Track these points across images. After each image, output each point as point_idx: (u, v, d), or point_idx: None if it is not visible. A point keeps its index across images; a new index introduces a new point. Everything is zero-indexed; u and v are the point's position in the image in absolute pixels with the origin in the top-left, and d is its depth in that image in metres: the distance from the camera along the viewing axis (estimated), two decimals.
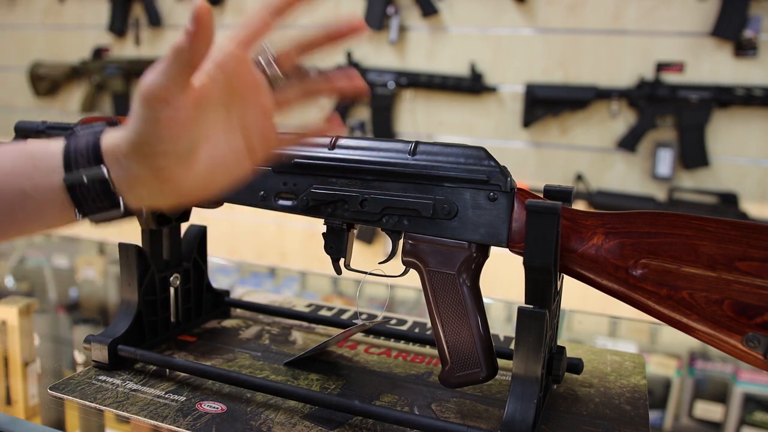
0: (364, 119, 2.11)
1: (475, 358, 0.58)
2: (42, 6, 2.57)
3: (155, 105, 0.41)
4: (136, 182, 0.43)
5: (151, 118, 0.41)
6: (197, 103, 0.43)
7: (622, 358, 0.75)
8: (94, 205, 0.44)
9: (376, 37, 2.08)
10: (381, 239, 2.13)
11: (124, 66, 2.38)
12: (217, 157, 0.45)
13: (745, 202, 1.77)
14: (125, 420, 0.59)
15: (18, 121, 0.76)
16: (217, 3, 2.25)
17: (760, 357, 0.49)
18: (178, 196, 0.45)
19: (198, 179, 0.45)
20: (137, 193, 0.44)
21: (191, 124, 0.43)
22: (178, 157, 0.42)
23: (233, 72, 0.45)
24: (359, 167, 0.60)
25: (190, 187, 0.44)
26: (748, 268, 0.49)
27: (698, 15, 1.75)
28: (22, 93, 2.63)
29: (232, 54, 0.45)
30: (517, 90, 1.96)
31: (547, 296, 0.54)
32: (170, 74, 0.41)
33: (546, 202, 0.53)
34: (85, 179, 0.43)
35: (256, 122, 0.47)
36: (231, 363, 0.70)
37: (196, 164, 0.44)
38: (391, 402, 0.62)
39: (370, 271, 0.64)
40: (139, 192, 0.44)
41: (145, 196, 0.44)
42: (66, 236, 1.85)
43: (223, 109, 0.45)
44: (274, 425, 0.57)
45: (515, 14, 1.93)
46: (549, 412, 0.61)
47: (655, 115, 1.79)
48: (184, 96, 0.41)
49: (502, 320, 1.11)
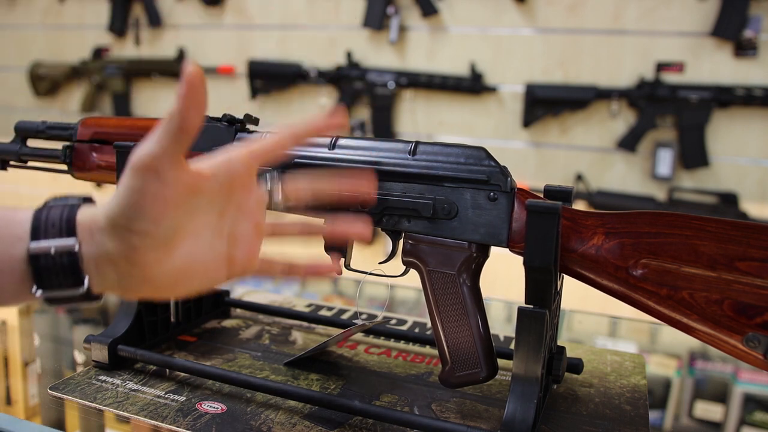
0: (364, 119, 2.11)
1: (475, 358, 0.58)
2: (42, 6, 2.57)
3: (144, 174, 0.39)
4: (106, 261, 0.41)
5: (137, 188, 0.39)
6: (189, 189, 0.41)
7: (622, 358, 0.75)
8: (56, 280, 0.40)
9: (376, 37, 2.08)
10: (381, 239, 2.13)
11: (124, 66, 2.38)
12: (197, 258, 0.43)
13: (745, 202, 1.77)
14: (125, 420, 0.59)
15: (18, 121, 0.76)
16: (217, 3, 2.25)
17: (760, 357, 0.49)
18: (144, 286, 0.42)
19: (170, 274, 0.42)
20: (104, 274, 0.41)
21: (177, 208, 0.41)
22: (154, 241, 0.40)
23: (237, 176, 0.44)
24: (359, 167, 0.60)
25: (160, 279, 0.42)
26: (748, 268, 0.49)
27: (698, 15, 1.75)
28: (22, 93, 2.63)
29: (241, 159, 0.44)
30: (517, 90, 1.96)
31: (547, 296, 0.54)
32: (162, 142, 0.39)
33: (546, 202, 0.53)
34: (53, 250, 0.40)
35: (245, 236, 0.46)
36: (231, 363, 0.70)
37: (172, 256, 0.42)
38: (391, 402, 0.62)
39: (370, 271, 0.64)
40: (107, 273, 0.41)
41: (111, 279, 0.41)
42: None
43: (217, 212, 0.44)
44: (274, 425, 0.57)
45: (515, 14, 1.93)
46: (549, 412, 0.61)
47: (655, 115, 1.79)
48: (175, 172, 0.40)
49: (502, 320, 1.11)
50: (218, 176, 0.43)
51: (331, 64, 2.11)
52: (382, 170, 0.59)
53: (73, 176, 0.74)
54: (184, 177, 0.40)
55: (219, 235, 0.44)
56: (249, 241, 0.46)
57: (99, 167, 0.72)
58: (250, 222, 0.46)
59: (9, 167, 0.78)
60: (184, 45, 2.33)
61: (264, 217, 0.47)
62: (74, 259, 0.40)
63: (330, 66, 2.11)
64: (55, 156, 0.74)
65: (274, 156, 0.46)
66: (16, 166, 0.78)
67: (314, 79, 2.11)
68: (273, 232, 0.49)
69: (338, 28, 2.13)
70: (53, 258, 0.40)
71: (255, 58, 2.21)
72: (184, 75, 0.38)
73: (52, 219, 0.41)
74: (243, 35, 2.27)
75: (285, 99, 2.23)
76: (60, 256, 0.40)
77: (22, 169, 0.78)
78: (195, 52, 2.34)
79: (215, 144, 0.66)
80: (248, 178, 0.45)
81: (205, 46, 2.33)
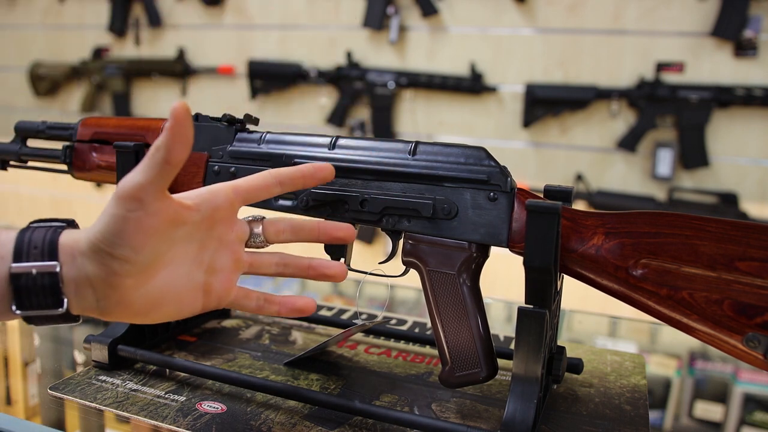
0: (364, 119, 2.12)
1: (475, 358, 0.58)
2: (42, 6, 2.57)
3: (128, 203, 0.40)
4: (86, 284, 0.42)
5: (120, 216, 0.40)
6: (172, 218, 0.42)
7: (622, 358, 0.75)
8: (35, 300, 0.41)
9: (376, 37, 2.08)
10: (381, 239, 2.13)
11: (124, 66, 2.38)
12: (174, 287, 0.44)
13: (745, 202, 1.77)
14: (125, 420, 0.59)
15: (18, 121, 0.76)
16: (217, 3, 2.25)
17: (760, 357, 0.49)
18: (121, 309, 0.43)
19: (146, 299, 0.43)
20: (83, 296, 0.42)
21: (159, 237, 0.42)
22: (134, 267, 0.41)
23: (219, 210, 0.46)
24: (359, 167, 0.60)
25: (137, 304, 0.43)
26: (748, 268, 0.49)
27: (698, 15, 1.75)
28: (22, 93, 2.63)
29: (226, 194, 0.46)
30: (517, 90, 1.96)
31: (547, 296, 0.54)
32: (147, 174, 0.40)
33: (546, 202, 0.53)
34: (35, 271, 0.41)
35: (223, 268, 0.47)
36: (231, 363, 0.70)
37: (150, 283, 0.43)
38: (391, 402, 0.62)
39: (370, 271, 0.64)
40: (85, 295, 0.42)
41: (89, 302, 0.43)
42: None
43: (198, 243, 0.45)
44: (274, 425, 0.57)
45: (515, 14, 1.93)
46: (549, 412, 0.61)
47: (655, 115, 1.79)
48: (158, 203, 0.41)
49: (502, 320, 1.11)
50: (201, 209, 0.45)
51: (331, 64, 2.11)
52: (382, 170, 0.59)
53: (73, 176, 0.74)
54: (166, 208, 0.42)
55: (198, 266, 0.46)
56: (227, 273, 0.48)
57: (99, 167, 0.72)
58: (229, 255, 0.47)
59: (9, 167, 0.78)
60: (184, 45, 2.33)
61: (243, 252, 0.48)
62: (55, 281, 0.41)
63: (330, 66, 2.11)
64: (55, 156, 0.74)
65: (258, 196, 0.48)
66: (16, 166, 0.78)
67: (314, 79, 2.11)
68: (251, 265, 0.50)
69: (338, 28, 2.13)
70: (34, 278, 0.41)
71: (255, 58, 2.21)
72: (171, 111, 0.40)
73: (34, 241, 0.42)
74: (243, 35, 2.27)
75: (285, 99, 2.23)
76: (41, 276, 0.41)
77: (22, 169, 0.78)
78: (195, 52, 2.34)
79: (215, 144, 0.66)
80: (230, 213, 0.47)
81: (205, 46, 2.33)
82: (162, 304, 0.45)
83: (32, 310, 0.42)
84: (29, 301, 0.41)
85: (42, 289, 0.41)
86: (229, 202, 0.46)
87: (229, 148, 0.65)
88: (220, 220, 0.46)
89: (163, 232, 0.42)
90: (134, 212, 0.40)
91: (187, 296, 0.46)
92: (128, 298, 0.43)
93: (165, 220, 0.42)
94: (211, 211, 0.45)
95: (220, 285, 0.47)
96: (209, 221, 0.46)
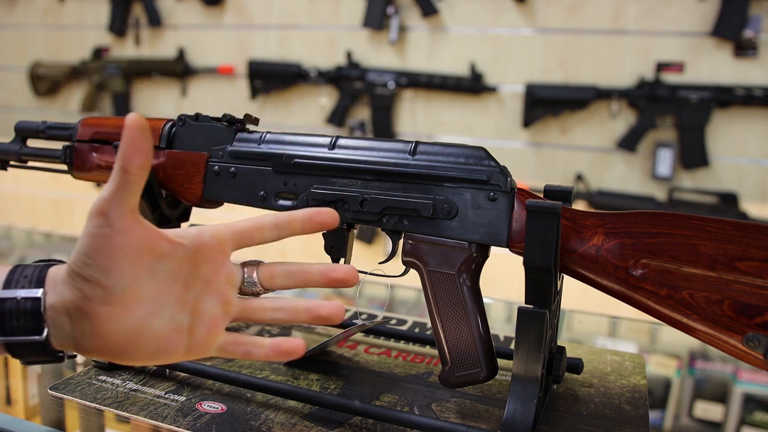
0: (364, 119, 2.12)
1: (475, 358, 0.58)
2: (42, 6, 2.57)
3: (95, 219, 0.41)
4: (62, 310, 0.42)
5: (89, 234, 0.41)
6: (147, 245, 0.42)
7: (622, 358, 0.75)
8: (16, 323, 0.42)
9: (376, 37, 2.08)
10: (381, 239, 2.13)
11: (124, 66, 2.38)
12: (154, 325, 0.43)
13: (745, 202, 1.77)
14: (125, 420, 0.59)
15: (18, 121, 0.76)
16: (217, 3, 2.25)
17: (760, 357, 0.49)
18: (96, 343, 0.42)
19: (123, 334, 0.42)
20: (60, 325, 0.42)
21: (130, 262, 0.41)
22: (105, 293, 0.41)
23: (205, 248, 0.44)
24: (359, 167, 0.60)
25: (112, 338, 0.42)
26: (748, 268, 0.49)
27: (698, 15, 1.75)
28: (22, 93, 2.63)
29: (214, 233, 0.45)
30: (517, 90, 1.96)
31: (547, 296, 0.54)
32: (110, 186, 0.40)
33: (546, 202, 0.53)
34: (20, 296, 0.42)
35: (210, 312, 0.45)
36: (231, 363, 0.70)
37: (126, 317, 0.42)
38: (391, 402, 0.62)
39: (370, 271, 0.64)
40: (62, 324, 0.42)
41: (66, 331, 0.42)
42: (66, 236, 1.85)
43: (182, 283, 0.44)
44: (274, 425, 0.57)
45: (515, 14, 1.93)
46: (549, 412, 0.61)
47: (655, 115, 1.79)
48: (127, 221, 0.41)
49: (502, 320, 1.11)
50: (186, 244, 0.43)
51: (331, 64, 2.11)
52: (382, 170, 0.59)
53: (73, 176, 0.74)
54: (137, 229, 0.41)
55: (182, 307, 0.44)
56: (214, 318, 0.45)
57: (99, 167, 0.72)
58: (217, 299, 0.45)
59: (9, 167, 0.78)
60: (184, 45, 2.33)
61: (234, 297, 0.46)
62: (36, 306, 0.42)
63: (330, 66, 2.11)
64: (55, 156, 0.74)
65: (252, 239, 0.46)
66: (16, 166, 0.78)
67: (314, 79, 2.11)
68: (244, 310, 0.47)
69: (338, 28, 2.13)
70: (18, 302, 0.42)
71: (255, 58, 2.21)
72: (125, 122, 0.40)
73: (26, 272, 0.43)
74: (243, 35, 2.27)
75: (285, 99, 2.23)
76: (24, 301, 0.42)
77: (22, 169, 0.78)
78: (195, 52, 2.34)
79: (215, 144, 0.66)
80: (219, 255, 0.45)
81: (205, 46, 2.33)
82: (140, 343, 0.43)
83: (13, 335, 0.42)
84: (10, 324, 0.42)
85: (24, 314, 0.42)
86: (218, 241, 0.45)
87: (229, 148, 0.65)
88: (207, 260, 0.44)
89: (137, 258, 0.41)
90: (101, 228, 0.40)
91: (168, 338, 0.44)
92: (102, 329, 0.42)
93: (137, 244, 0.41)
94: (196, 248, 0.44)
95: (205, 329, 0.45)
96: (194, 259, 0.44)
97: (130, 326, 0.42)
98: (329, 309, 0.46)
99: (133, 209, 0.41)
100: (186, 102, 2.35)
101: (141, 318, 0.42)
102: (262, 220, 0.46)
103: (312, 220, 0.46)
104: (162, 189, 0.69)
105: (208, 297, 0.45)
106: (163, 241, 0.43)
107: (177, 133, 0.68)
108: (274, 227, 0.46)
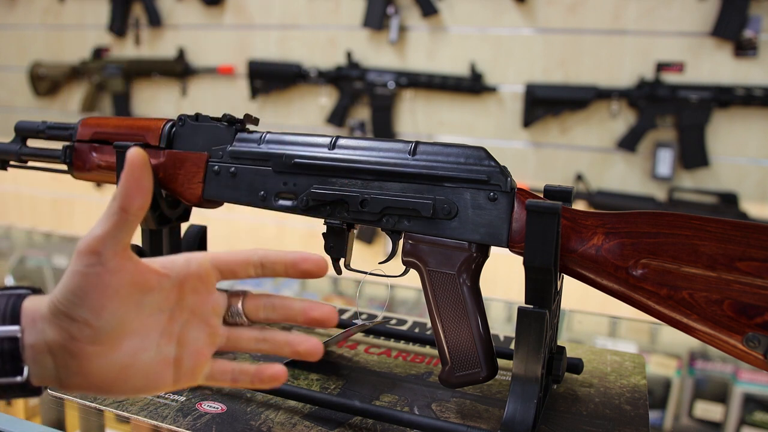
0: (364, 119, 2.12)
1: (475, 358, 0.58)
2: (42, 6, 2.57)
3: (86, 258, 0.39)
4: (45, 350, 0.40)
5: (79, 273, 0.39)
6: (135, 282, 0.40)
7: (622, 358, 0.75)
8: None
9: (376, 37, 2.08)
10: (381, 239, 2.13)
11: (124, 66, 2.38)
12: (140, 359, 0.42)
13: (745, 202, 1.77)
14: (125, 420, 0.59)
15: (18, 121, 0.76)
16: (217, 3, 2.25)
17: (760, 357, 0.49)
18: (81, 380, 0.41)
19: (109, 370, 0.41)
20: (42, 364, 0.40)
21: (121, 301, 0.40)
22: (95, 333, 0.39)
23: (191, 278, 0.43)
24: (359, 167, 0.60)
25: (98, 375, 0.41)
26: (748, 268, 0.49)
27: (698, 15, 1.75)
28: (22, 93, 2.63)
29: (200, 262, 0.43)
30: (517, 90, 1.96)
31: (547, 296, 0.54)
32: (105, 224, 0.39)
33: (546, 202, 0.53)
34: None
35: (196, 342, 0.44)
36: None
37: (113, 352, 0.40)
38: (391, 402, 0.62)
39: (370, 271, 0.64)
40: (44, 363, 0.40)
41: (48, 370, 0.40)
42: (66, 236, 1.85)
43: (168, 314, 0.43)
44: (274, 425, 0.57)
45: (515, 14, 1.93)
46: (549, 412, 0.61)
47: (655, 115, 1.79)
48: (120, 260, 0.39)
49: (502, 320, 1.11)
50: (172, 275, 0.42)
51: (331, 64, 2.11)
52: (382, 170, 0.59)
53: (72, 176, 0.74)
54: (129, 267, 0.40)
55: (168, 338, 0.43)
56: (200, 348, 0.44)
57: (99, 167, 0.72)
58: (203, 329, 0.44)
59: (9, 167, 0.78)
60: (184, 45, 2.33)
61: (219, 326, 0.45)
62: (15, 346, 0.39)
63: (330, 66, 2.10)
64: (55, 156, 0.74)
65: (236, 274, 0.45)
66: (16, 166, 0.78)
67: (314, 79, 2.11)
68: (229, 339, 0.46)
69: (338, 28, 2.13)
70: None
71: (255, 58, 2.20)
72: (126, 157, 0.38)
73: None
74: (243, 35, 2.27)
75: (285, 99, 2.23)
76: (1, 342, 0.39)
77: (22, 169, 0.78)
78: (195, 52, 2.34)
79: (215, 144, 0.66)
80: (205, 284, 0.44)
81: (205, 46, 2.33)
82: (128, 378, 0.42)
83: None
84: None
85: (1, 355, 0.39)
86: (204, 271, 0.44)
87: (229, 148, 0.65)
88: (193, 290, 0.44)
89: (127, 295, 0.40)
90: (93, 267, 0.38)
91: (156, 370, 0.43)
92: (88, 368, 0.40)
93: (128, 282, 0.40)
94: (182, 279, 0.43)
95: (192, 360, 0.44)
96: (180, 289, 0.43)
97: (118, 362, 0.41)
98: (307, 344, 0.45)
99: (126, 247, 0.40)
100: (186, 102, 2.35)
101: (128, 353, 0.41)
102: (250, 256, 0.45)
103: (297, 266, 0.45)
104: (162, 189, 0.69)
105: (194, 327, 0.44)
106: (152, 274, 0.41)
107: (177, 133, 0.68)
108: (259, 266, 0.45)
